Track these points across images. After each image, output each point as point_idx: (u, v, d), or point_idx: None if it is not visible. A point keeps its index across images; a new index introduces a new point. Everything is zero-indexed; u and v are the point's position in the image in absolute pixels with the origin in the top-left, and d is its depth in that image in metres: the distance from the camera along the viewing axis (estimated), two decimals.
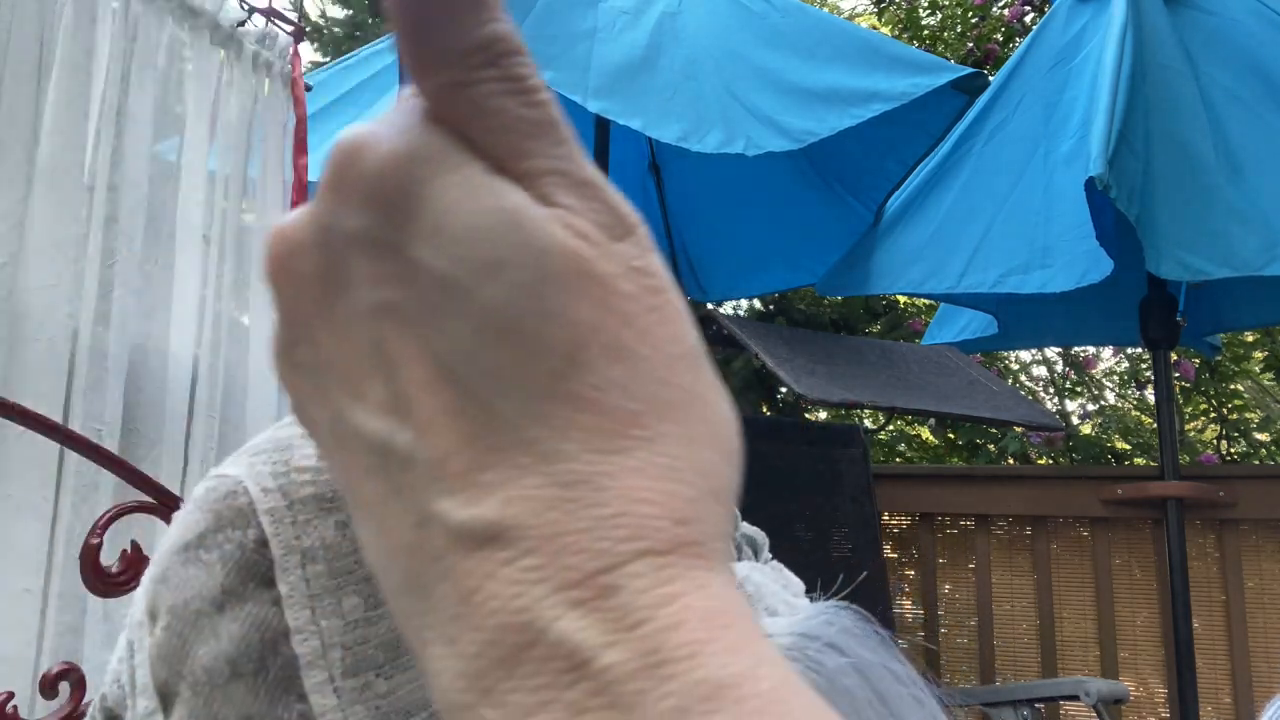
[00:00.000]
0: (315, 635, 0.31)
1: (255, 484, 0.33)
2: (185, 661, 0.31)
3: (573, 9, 2.21)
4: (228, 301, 1.85)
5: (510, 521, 0.18)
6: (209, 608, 0.31)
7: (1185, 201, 2.23)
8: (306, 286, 0.21)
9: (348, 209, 0.20)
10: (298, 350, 0.21)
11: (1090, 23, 2.58)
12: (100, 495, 1.51)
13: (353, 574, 0.32)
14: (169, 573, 0.32)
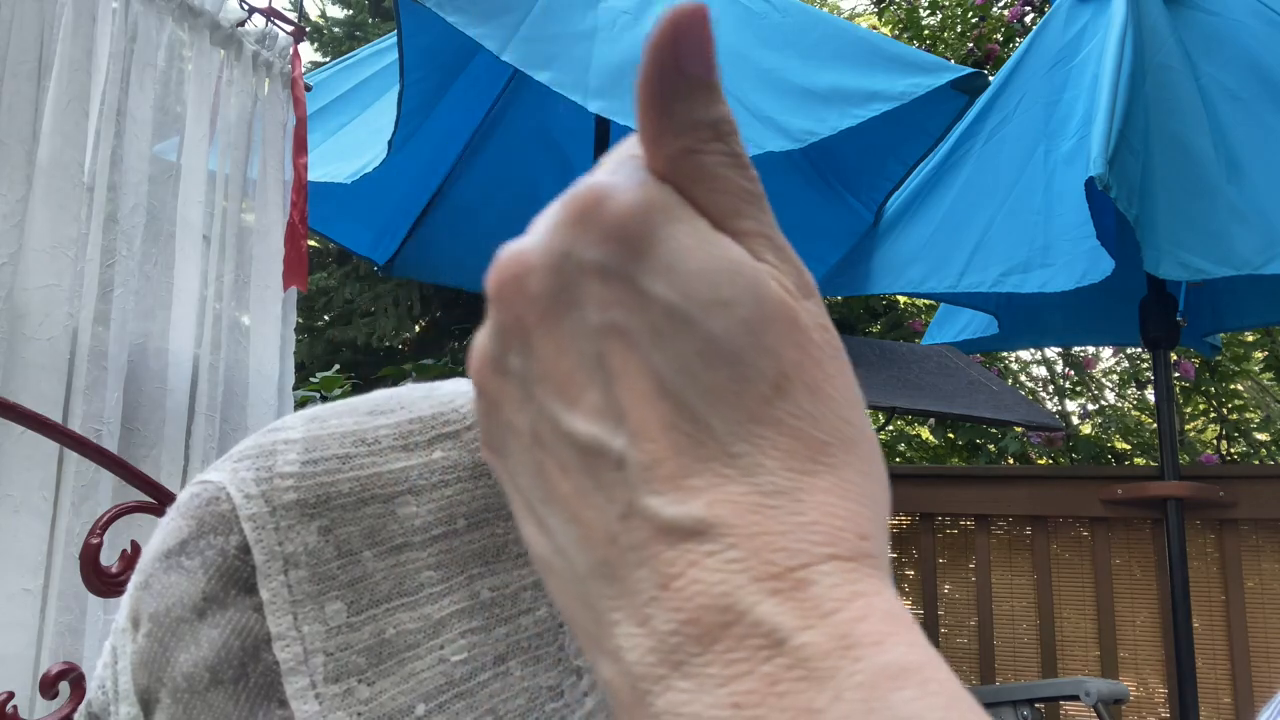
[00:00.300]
0: (297, 641, 0.31)
1: (238, 490, 0.33)
2: (166, 668, 0.31)
3: (573, 9, 2.21)
4: (228, 301, 1.85)
5: (715, 520, 0.21)
6: (190, 614, 0.31)
7: (1185, 201, 2.23)
8: (533, 303, 0.24)
9: (588, 243, 0.23)
10: (509, 358, 0.24)
11: (1090, 23, 2.58)
12: (100, 495, 1.51)
13: (335, 579, 0.32)
14: (151, 579, 0.32)
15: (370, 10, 5.68)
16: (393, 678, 0.31)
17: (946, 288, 2.55)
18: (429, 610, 0.33)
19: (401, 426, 0.34)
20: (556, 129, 3.10)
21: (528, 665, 0.33)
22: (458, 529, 0.34)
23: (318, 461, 0.33)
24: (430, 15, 1.99)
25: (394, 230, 3.15)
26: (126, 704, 0.31)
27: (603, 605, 0.22)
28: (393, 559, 0.33)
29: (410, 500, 0.34)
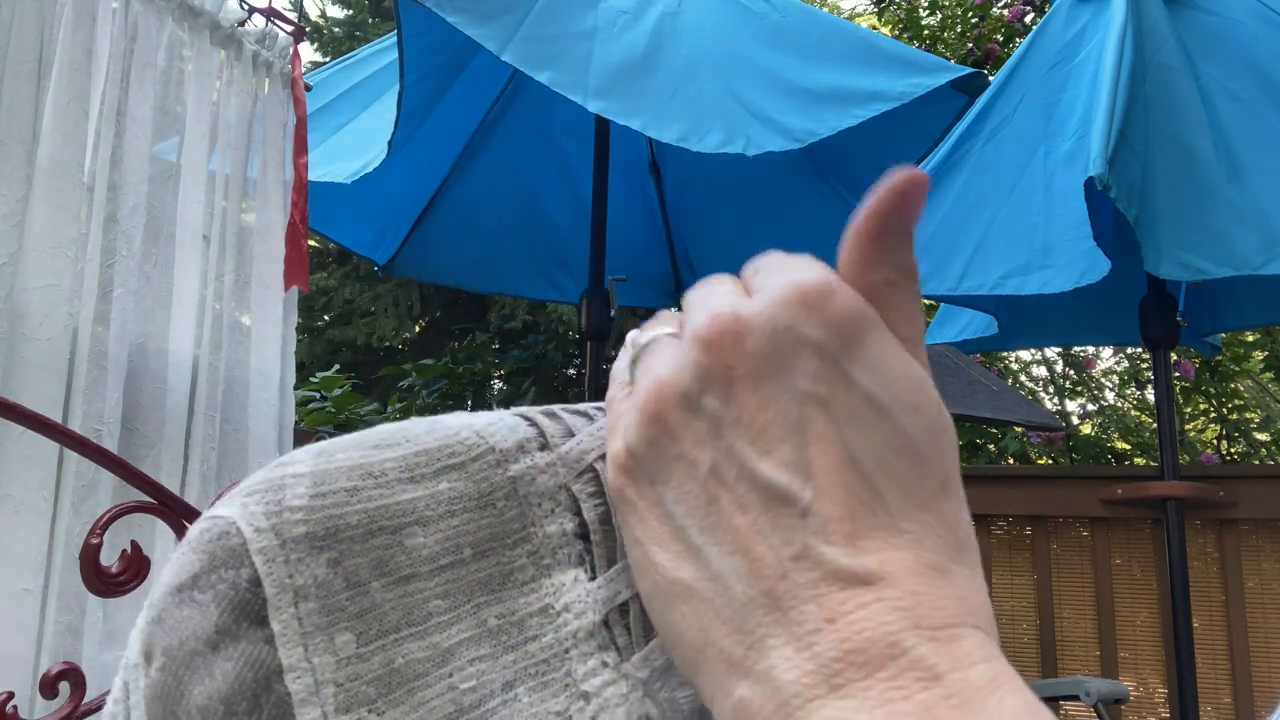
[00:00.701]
0: (308, 672, 0.32)
1: (248, 524, 0.33)
2: (181, 701, 0.31)
3: (573, 9, 2.21)
4: (228, 301, 1.85)
5: (885, 575, 0.25)
6: (203, 647, 0.32)
7: (1185, 201, 2.23)
8: (747, 359, 0.27)
9: (812, 324, 0.27)
10: (705, 399, 0.28)
11: (1090, 23, 2.58)
12: (100, 495, 1.51)
13: (344, 611, 0.33)
14: (164, 614, 0.33)
15: (370, 10, 5.68)
16: (402, 707, 0.32)
17: (947, 290, 2.55)
18: (437, 639, 0.33)
19: (408, 459, 0.35)
20: (556, 129, 3.10)
21: (535, 691, 0.33)
22: (464, 558, 0.35)
23: (326, 495, 0.34)
24: (430, 15, 1.99)
25: (394, 230, 3.15)
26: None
27: (759, 631, 0.25)
28: (400, 589, 0.34)
29: (417, 531, 0.34)
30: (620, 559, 0.35)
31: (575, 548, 0.35)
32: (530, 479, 0.36)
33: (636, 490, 0.29)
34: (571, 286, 3.19)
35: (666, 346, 0.30)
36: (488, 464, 0.35)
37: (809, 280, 0.28)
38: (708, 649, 0.26)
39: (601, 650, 0.34)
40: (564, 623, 0.34)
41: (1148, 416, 5.14)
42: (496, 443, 0.36)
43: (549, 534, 0.35)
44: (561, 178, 3.18)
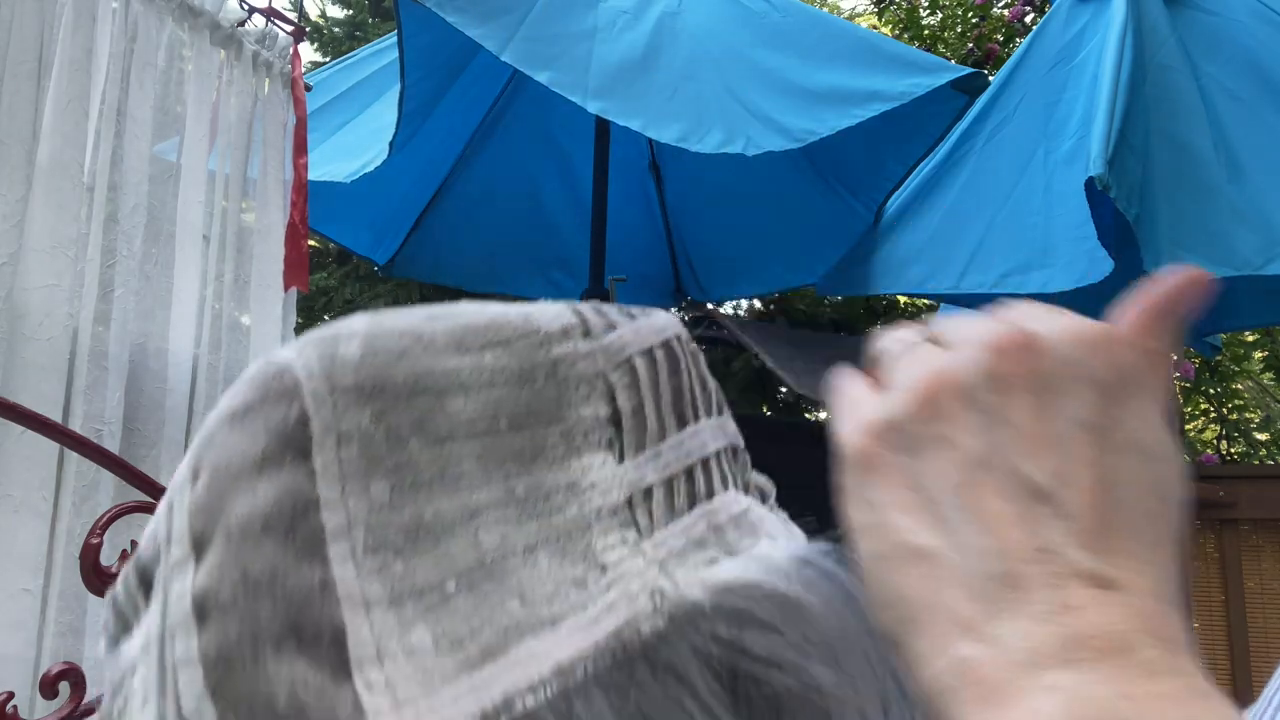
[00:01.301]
0: (342, 511, 0.33)
1: (303, 368, 0.35)
2: (221, 515, 0.33)
3: (573, 9, 2.21)
4: (228, 301, 1.86)
5: (1125, 585, 0.28)
6: (249, 468, 0.33)
7: (1184, 201, 2.23)
8: (1032, 373, 0.31)
9: (1097, 363, 0.31)
10: (982, 394, 0.31)
11: (1090, 23, 2.58)
12: (100, 495, 1.51)
13: (382, 462, 0.34)
14: (214, 437, 0.35)
15: (370, 10, 5.68)
16: (427, 556, 0.34)
17: (947, 288, 2.54)
18: (466, 498, 0.35)
19: (456, 331, 0.37)
20: (556, 129, 3.09)
21: (555, 557, 0.35)
22: (500, 428, 0.36)
23: (377, 353, 0.36)
24: (430, 15, 1.99)
25: (394, 230, 3.15)
26: (179, 546, 0.34)
27: (999, 602, 0.28)
28: (437, 449, 0.35)
29: (459, 396, 0.36)
30: (649, 447, 0.37)
31: (606, 432, 0.37)
32: (571, 362, 0.37)
33: (888, 457, 0.32)
34: (571, 286, 3.19)
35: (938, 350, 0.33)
36: (532, 344, 0.37)
37: (1099, 326, 0.32)
38: (936, 609, 0.29)
39: (623, 528, 0.35)
40: (589, 499, 0.36)
41: None
42: (542, 325, 0.38)
43: (583, 416, 0.37)
44: (561, 178, 3.18)
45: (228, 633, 0.31)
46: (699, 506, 0.37)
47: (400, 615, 0.33)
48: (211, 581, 0.32)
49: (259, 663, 0.31)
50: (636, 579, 0.34)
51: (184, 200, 1.76)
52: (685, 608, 0.34)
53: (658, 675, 0.32)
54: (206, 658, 0.31)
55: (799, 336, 3.11)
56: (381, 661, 0.32)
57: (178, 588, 0.33)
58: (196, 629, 0.32)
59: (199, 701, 0.30)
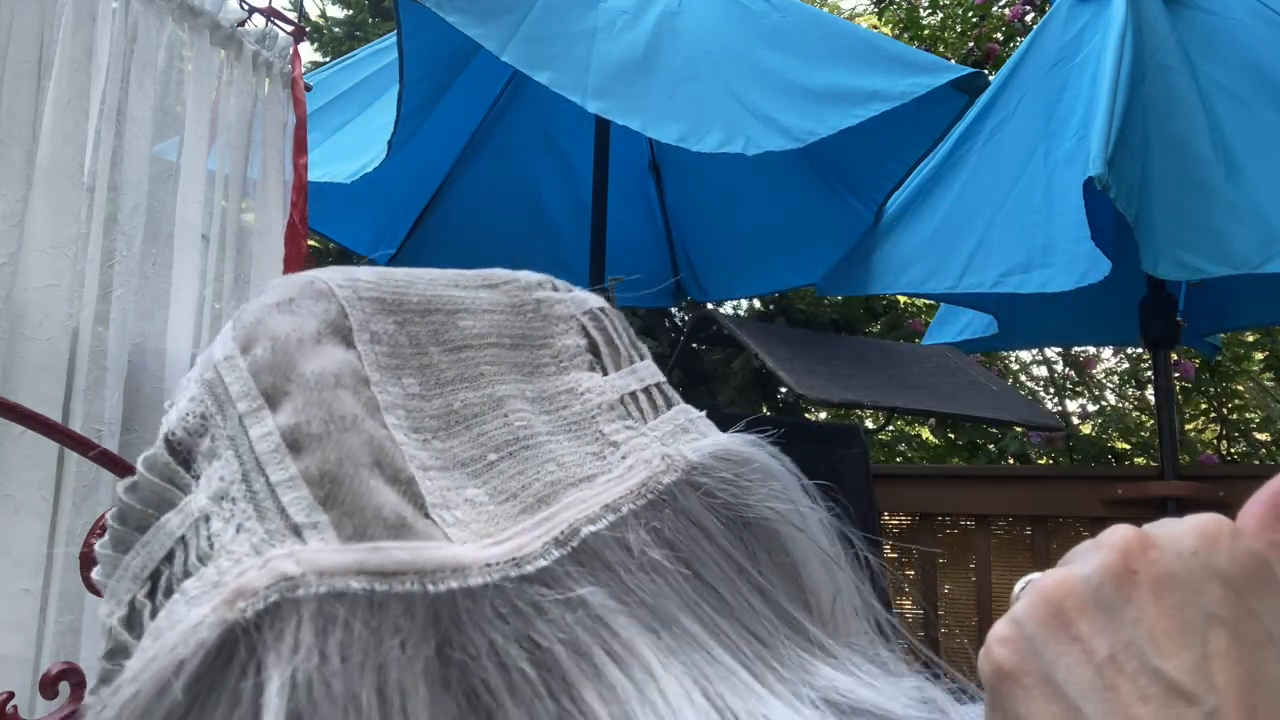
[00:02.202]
0: (384, 391, 0.38)
1: (329, 279, 0.41)
2: (293, 371, 0.37)
3: (573, 9, 2.21)
4: (227, 301, 1.85)
5: None
6: (310, 339, 0.38)
7: (1183, 200, 2.23)
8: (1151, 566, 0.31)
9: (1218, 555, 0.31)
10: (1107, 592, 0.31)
11: (1090, 22, 2.58)
12: (100, 495, 1.51)
13: (409, 362, 0.40)
14: (263, 319, 0.39)
15: (370, 10, 5.67)
16: (463, 437, 0.40)
17: (947, 288, 2.54)
18: (489, 391, 0.42)
19: (451, 275, 0.45)
20: (556, 129, 3.09)
21: (573, 439, 0.42)
22: (504, 344, 0.44)
23: (388, 280, 0.42)
24: (430, 15, 1.99)
25: (394, 230, 3.15)
26: (245, 402, 0.37)
27: None
28: (456, 355, 0.42)
29: (465, 316, 0.43)
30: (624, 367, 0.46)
31: (586, 358, 0.46)
32: (550, 304, 0.47)
33: (1024, 666, 0.32)
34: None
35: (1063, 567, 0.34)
36: (516, 287, 0.47)
37: (1214, 521, 0.32)
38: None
39: (622, 419, 0.44)
40: (588, 399, 0.44)
41: (1148, 416, 5.14)
42: (521, 277, 0.48)
43: (566, 345, 0.46)
44: (561, 178, 3.18)
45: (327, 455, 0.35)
46: (674, 407, 0.46)
47: (452, 478, 0.38)
48: (299, 418, 0.35)
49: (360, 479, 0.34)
50: (646, 449, 0.42)
51: (184, 200, 1.76)
52: (689, 466, 0.41)
53: (679, 517, 0.39)
54: (310, 476, 0.34)
55: (799, 336, 3.11)
56: (449, 508, 0.37)
57: (257, 430, 0.36)
58: (292, 457, 0.35)
59: (310, 514, 0.34)
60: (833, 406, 3.45)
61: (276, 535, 0.33)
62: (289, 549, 0.33)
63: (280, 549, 0.33)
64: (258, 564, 0.32)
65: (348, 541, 0.33)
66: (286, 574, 0.32)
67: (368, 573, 0.32)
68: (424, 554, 0.34)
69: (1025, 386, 5.59)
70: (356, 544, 0.33)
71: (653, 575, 0.37)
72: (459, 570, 0.34)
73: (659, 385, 0.47)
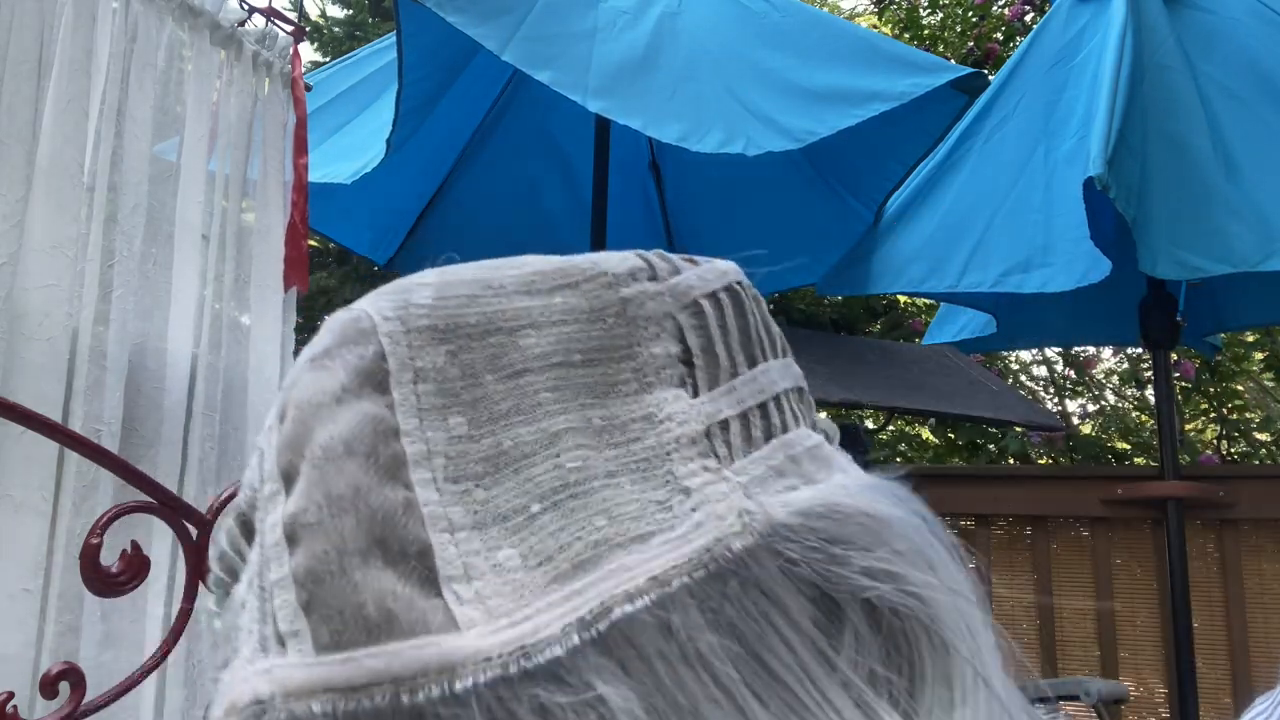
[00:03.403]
0: (421, 441, 0.35)
1: (377, 313, 0.37)
2: (306, 444, 0.34)
3: (573, 9, 2.21)
4: (227, 301, 1.85)
5: None
6: (329, 400, 0.35)
7: (1182, 200, 2.23)
8: None
9: None
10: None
11: (1090, 22, 2.58)
12: (100, 495, 1.51)
13: (459, 398, 0.36)
14: (298, 380, 0.37)
15: (370, 10, 5.67)
16: (509, 483, 0.35)
17: (946, 287, 2.54)
18: (545, 425, 0.36)
19: (525, 276, 0.38)
20: (556, 129, 3.10)
21: (637, 482, 0.35)
22: (574, 361, 0.38)
23: (448, 299, 0.37)
24: (430, 15, 1.99)
25: (394, 230, 3.15)
26: (270, 484, 0.35)
27: None
28: (513, 383, 0.37)
29: (531, 333, 0.38)
30: (723, 383, 0.38)
31: (678, 370, 0.38)
32: (639, 303, 0.39)
33: None
34: None
35: None
36: (600, 285, 0.39)
37: None
38: None
39: (702, 457, 0.36)
40: (666, 429, 0.37)
41: (1148, 416, 5.14)
42: (609, 268, 0.39)
43: (654, 354, 0.38)
44: (561, 178, 3.18)
45: (314, 550, 0.32)
46: (775, 439, 0.38)
47: (485, 538, 0.33)
48: (299, 505, 0.33)
49: (346, 574, 0.31)
50: (722, 501, 0.35)
51: (184, 200, 1.76)
52: (772, 527, 0.34)
53: (748, 592, 0.33)
54: (297, 576, 0.32)
55: (799, 336, 3.11)
56: (470, 579, 0.32)
57: (270, 519, 0.34)
58: (288, 552, 0.33)
59: (293, 620, 0.31)
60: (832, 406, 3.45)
61: (268, 643, 0.32)
62: (269, 664, 0.31)
63: (264, 662, 0.31)
64: (245, 676, 0.31)
65: (322, 652, 0.30)
66: (259, 695, 0.30)
67: (334, 689, 0.30)
68: (402, 658, 0.30)
69: (1025, 386, 5.59)
70: (329, 655, 0.30)
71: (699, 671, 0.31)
72: (445, 671, 0.30)
73: (763, 406, 0.39)
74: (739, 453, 0.37)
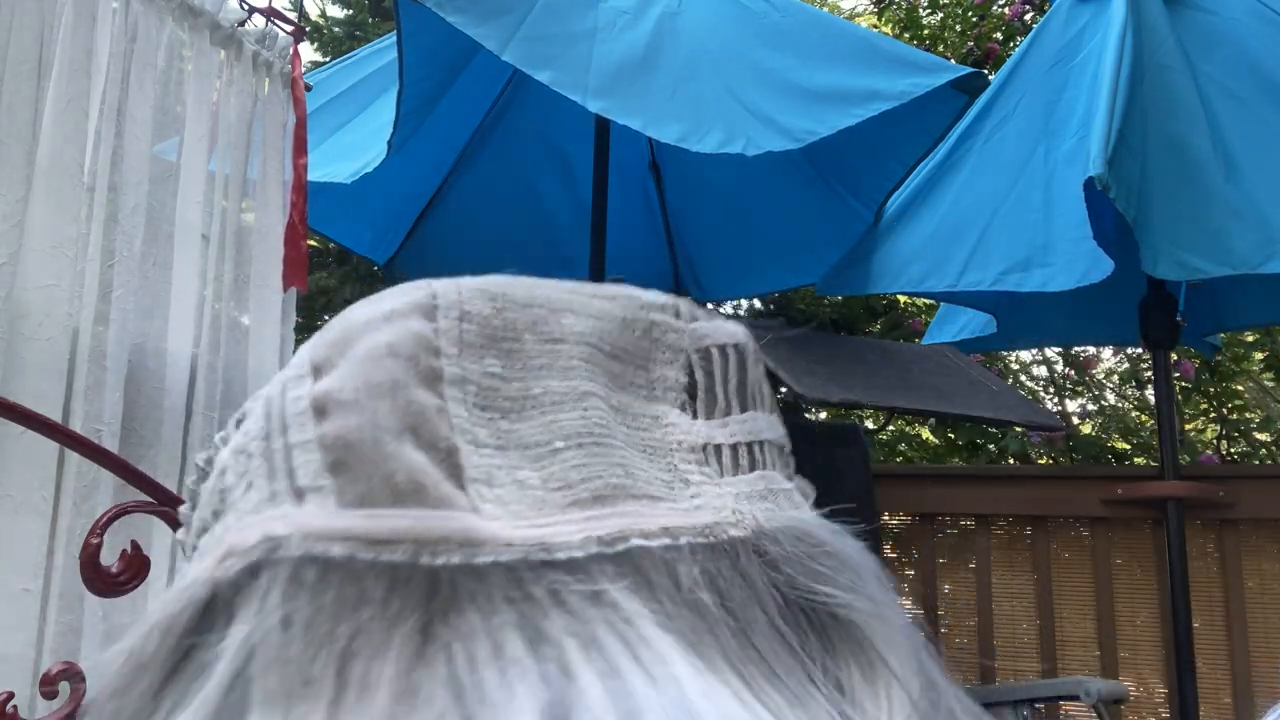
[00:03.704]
0: (458, 366, 0.38)
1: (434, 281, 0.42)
2: (349, 346, 0.36)
3: (573, 9, 2.21)
4: (227, 301, 1.85)
5: None
6: (378, 319, 0.38)
7: (1183, 201, 2.23)
8: None
9: None
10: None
11: (1090, 22, 2.58)
12: (100, 495, 1.51)
13: (498, 344, 0.40)
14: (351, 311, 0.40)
15: (370, 10, 5.67)
16: (535, 421, 0.38)
17: (946, 286, 2.54)
18: (575, 384, 0.40)
19: (567, 285, 0.44)
20: (556, 129, 3.09)
21: (646, 459, 0.40)
22: (604, 349, 0.42)
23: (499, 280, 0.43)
24: (430, 15, 1.99)
25: (394, 230, 3.15)
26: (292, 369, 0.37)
27: None
28: (550, 345, 0.41)
29: (570, 316, 0.42)
30: (718, 418, 0.43)
31: (681, 395, 0.44)
32: (664, 329, 0.45)
33: None
34: None
35: None
36: (635, 304, 0.45)
37: None
38: None
39: (699, 464, 0.42)
40: (670, 431, 0.42)
41: (1148, 416, 5.14)
42: (644, 296, 0.46)
43: (665, 375, 0.44)
44: (561, 178, 3.18)
45: (348, 422, 0.34)
46: (758, 470, 0.44)
47: (507, 458, 0.37)
48: (332, 386, 0.35)
49: (378, 445, 0.33)
50: (718, 498, 0.40)
51: (184, 200, 1.76)
52: (759, 531, 0.39)
53: (736, 573, 0.37)
54: (326, 441, 0.34)
55: (799, 336, 3.11)
56: (492, 485, 0.35)
57: (293, 393, 0.36)
58: (314, 420, 0.35)
59: (316, 477, 0.33)
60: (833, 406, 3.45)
61: (280, 495, 0.33)
62: (283, 510, 0.32)
63: (276, 509, 0.32)
64: (253, 522, 0.32)
65: (346, 507, 0.32)
66: (272, 534, 0.31)
67: (355, 538, 0.31)
68: (428, 523, 0.32)
69: (1025, 386, 5.59)
70: (354, 510, 0.32)
71: (696, 613, 0.35)
72: (468, 544, 0.32)
73: (750, 444, 0.44)
74: (728, 471, 0.42)
